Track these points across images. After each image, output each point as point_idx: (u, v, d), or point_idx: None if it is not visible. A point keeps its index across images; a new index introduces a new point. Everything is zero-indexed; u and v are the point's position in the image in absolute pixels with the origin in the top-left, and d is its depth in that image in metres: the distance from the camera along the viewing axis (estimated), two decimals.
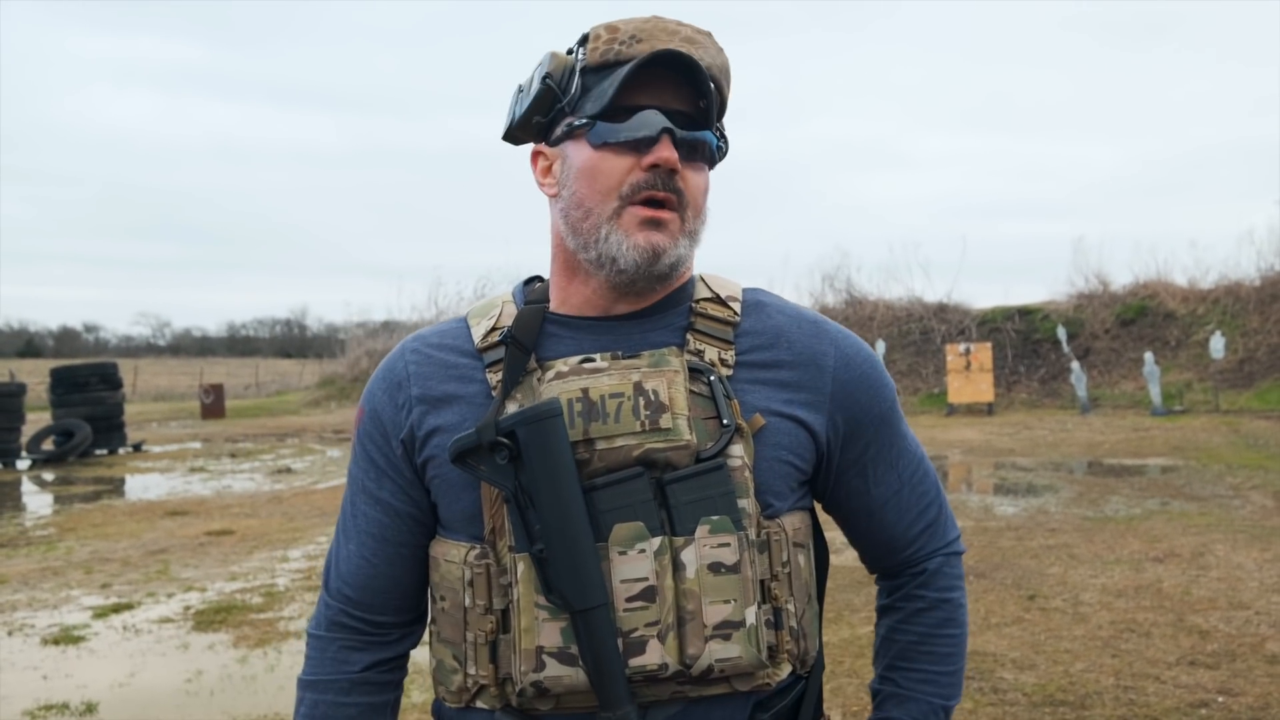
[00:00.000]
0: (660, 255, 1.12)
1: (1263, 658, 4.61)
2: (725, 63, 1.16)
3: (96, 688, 4.80)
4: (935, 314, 24.12)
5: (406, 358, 1.21)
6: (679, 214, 1.13)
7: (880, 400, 1.23)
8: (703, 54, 1.12)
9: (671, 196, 1.12)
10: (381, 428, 1.20)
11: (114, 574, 7.33)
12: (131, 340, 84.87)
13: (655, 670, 1.06)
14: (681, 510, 1.08)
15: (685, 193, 1.13)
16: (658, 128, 1.11)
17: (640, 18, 1.15)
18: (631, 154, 1.11)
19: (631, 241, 1.12)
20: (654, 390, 1.10)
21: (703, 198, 1.16)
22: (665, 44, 1.11)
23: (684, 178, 1.12)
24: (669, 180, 1.11)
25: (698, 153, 1.14)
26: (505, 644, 1.09)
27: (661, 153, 1.10)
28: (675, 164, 1.11)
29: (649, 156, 1.10)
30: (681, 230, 1.14)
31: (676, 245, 1.13)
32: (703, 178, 1.16)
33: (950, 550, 1.29)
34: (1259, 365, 19.70)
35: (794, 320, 1.21)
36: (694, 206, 1.15)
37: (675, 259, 1.13)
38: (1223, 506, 8.64)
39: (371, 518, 1.21)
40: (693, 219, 1.15)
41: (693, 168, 1.14)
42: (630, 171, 1.12)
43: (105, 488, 12.78)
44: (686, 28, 1.14)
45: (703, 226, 1.18)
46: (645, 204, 1.12)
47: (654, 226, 1.12)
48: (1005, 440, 14.97)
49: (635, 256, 1.12)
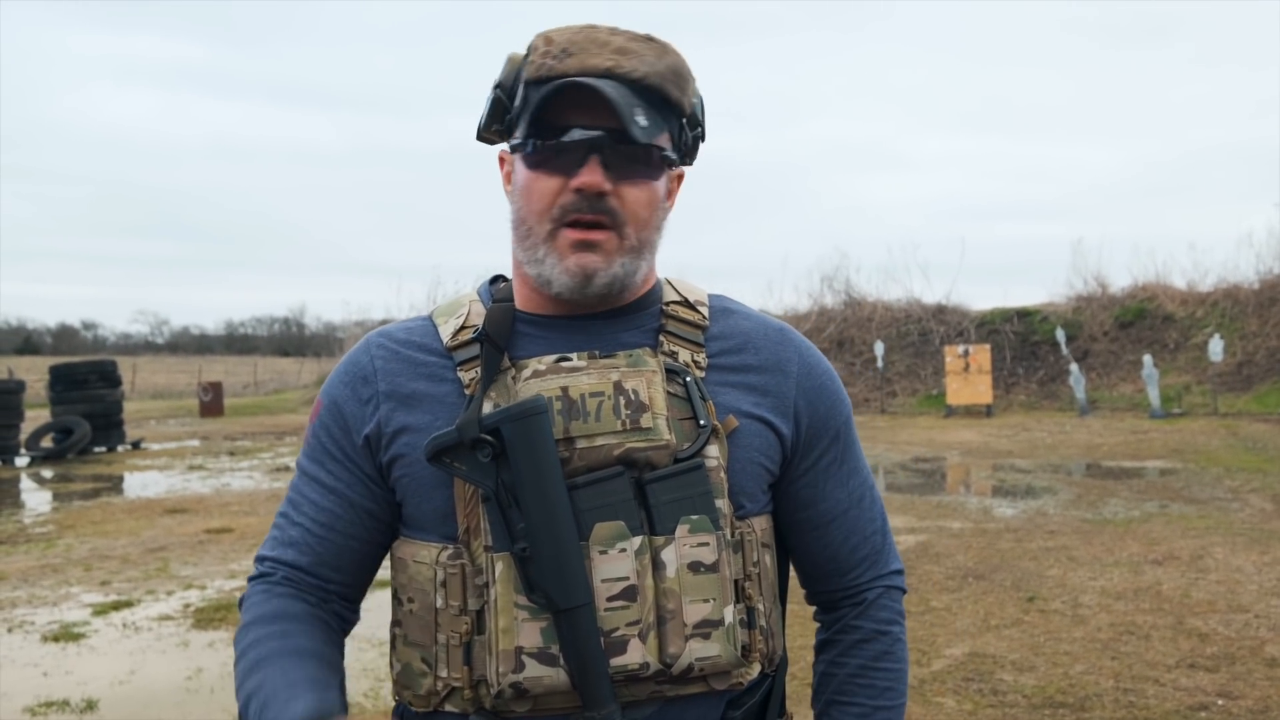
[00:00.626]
0: (592, 278, 1.11)
1: (1262, 661, 4.61)
2: (670, 65, 1.13)
3: (97, 685, 4.80)
4: (934, 315, 24.13)
5: (373, 352, 1.20)
6: (615, 231, 1.11)
7: (837, 414, 1.24)
8: (635, 64, 1.10)
9: (602, 218, 1.10)
10: (342, 420, 1.18)
11: (113, 571, 7.33)
12: (130, 338, 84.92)
13: (636, 670, 1.06)
14: (661, 510, 1.08)
15: (621, 210, 1.11)
16: (584, 149, 1.09)
17: (574, 28, 1.13)
18: (561, 176, 1.11)
19: (564, 265, 1.11)
20: (634, 390, 1.10)
21: (647, 209, 1.13)
22: (593, 58, 1.09)
23: (619, 195, 1.11)
24: (597, 203, 1.10)
25: (637, 168, 1.12)
26: (480, 645, 1.08)
27: (584, 177, 1.09)
28: (599, 187, 1.09)
29: (575, 180, 1.09)
30: (620, 248, 1.12)
31: (611, 265, 1.11)
32: (644, 191, 1.12)
33: (891, 583, 1.28)
34: (1257, 368, 19.72)
35: (760, 326, 1.23)
36: (635, 221, 1.12)
37: (611, 279, 1.12)
38: (1221, 509, 8.65)
39: (322, 507, 1.18)
40: (635, 234, 1.13)
41: (631, 184, 1.11)
42: (560, 193, 1.11)
43: (104, 485, 12.77)
44: (620, 37, 1.12)
45: (654, 235, 1.16)
46: (575, 226, 1.11)
47: (586, 248, 1.11)
48: (1004, 442, 14.98)
49: (567, 280, 1.12)
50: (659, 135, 1.12)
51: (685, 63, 1.16)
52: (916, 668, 4.65)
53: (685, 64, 1.15)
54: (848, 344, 24.12)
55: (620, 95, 1.07)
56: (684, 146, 1.18)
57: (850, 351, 23.87)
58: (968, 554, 7.06)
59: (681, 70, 1.14)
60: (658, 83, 1.11)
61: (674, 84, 1.13)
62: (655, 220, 1.15)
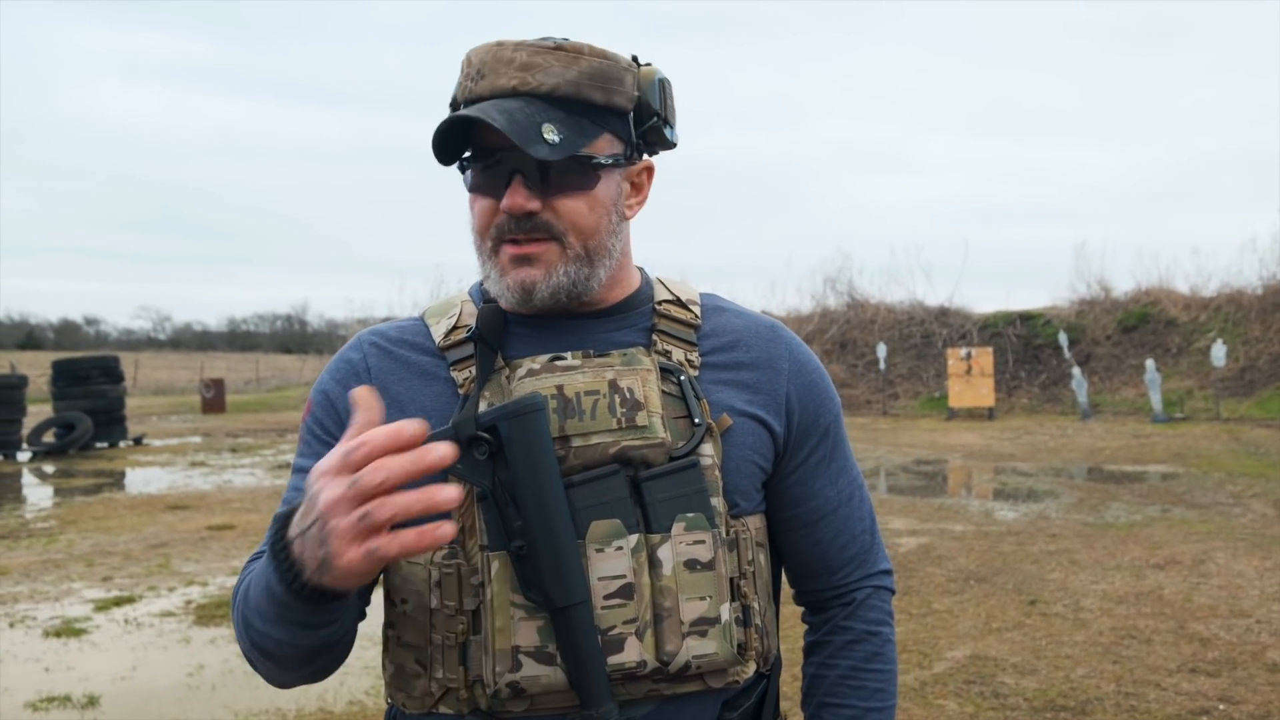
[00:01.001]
0: (531, 291, 1.12)
1: (1263, 666, 4.61)
2: (584, 70, 1.11)
3: (98, 681, 4.81)
4: (936, 318, 24.11)
5: (365, 350, 1.20)
6: (556, 241, 1.12)
7: (827, 412, 1.25)
8: (542, 79, 1.09)
9: (535, 234, 1.11)
10: (334, 413, 1.18)
11: (115, 567, 7.33)
12: (132, 334, 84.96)
13: (634, 668, 1.06)
14: (657, 508, 1.08)
15: (557, 223, 1.11)
16: (508, 171, 1.10)
17: (487, 47, 1.12)
18: (493, 197, 1.12)
19: (505, 280, 1.13)
20: (629, 388, 1.10)
21: (588, 217, 1.13)
22: (500, 78, 1.09)
23: (553, 209, 1.11)
24: (525, 222, 1.11)
25: (568, 179, 1.11)
26: (476, 645, 1.07)
27: (506, 200, 1.10)
28: (522, 209, 1.10)
29: (502, 203, 1.10)
30: (562, 257, 1.12)
31: (551, 276, 1.12)
32: (580, 201, 1.12)
33: (880, 584, 1.28)
34: (1260, 374, 19.70)
35: (751, 324, 1.24)
36: (575, 231, 1.12)
37: (554, 289, 1.12)
38: (1223, 514, 8.64)
39: None
40: (579, 242, 1.13)
41: (563, 196, 1.11)
42: (495, 214, 1.12)
43: (106, 481, 12.79)
44: (525, 50, 1.10)
45: (607, 239, 1.15)
46: (512, 243, 1.12)
47: (523, 263, 1.12)
48: (1006, 445, 14.97)
49: (509, 295, 1.13)
50: (585, 143, 1.10)
51: (610, 62, 1.13)
52: (918, 670, 4.65)
53: (609, 64, 1.13)
54: (850, 345, 24.10)
55: (524, 116, 1.07)
56: (637, 141, 1.17)
57: (852, 353, 23.86)
58: (969, 557, 7.06)
59: (601, 71, 1.12)
60: (571, 91, 1.10)
61: (595, 88, 1.11)
62: (605, 224, 1.15)
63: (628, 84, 1.14)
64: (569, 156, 1.09)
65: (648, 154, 1.21)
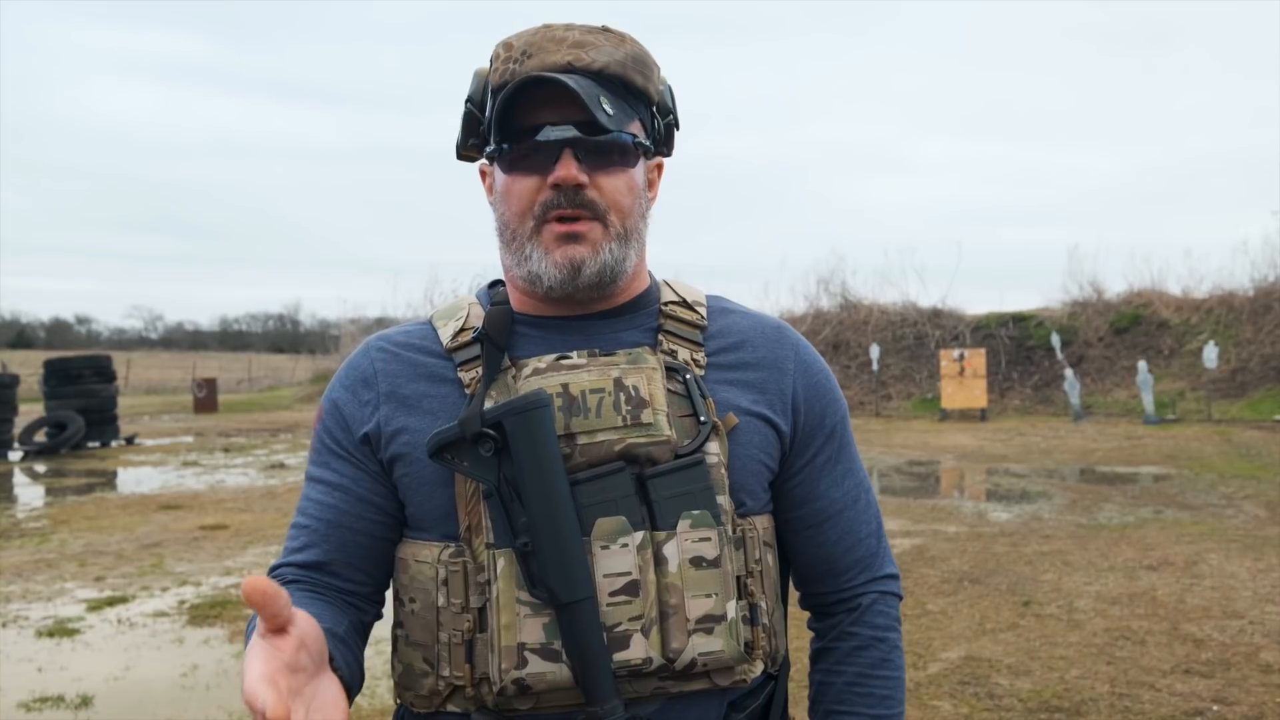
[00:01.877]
0: (580, 268, 1.13)
1: (1257, 667, 4.62)
2: (630, 53, 1.15)
3: (91, 681, 4.79)
4: (929, 319, 24.15)
5: (373, 355, 1.21)
6: (599, 220, 1.13)
7: (833, 412, 1.25)
8: (595, 56, 1.12)
9: (582, 211, 1.12)
10: (343, 421, 1.19)
11: (108, 567, 7.31)
12: (124, 333, 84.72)
13: (639, 665, 1.06)
14: (663, 505, 1.08)
15: (600, 200, 1.13)
16: (557, 145, 1.11)
17: (531, 30, 1.15)
18: (538, 174, 1.13)
19: (551, 259, 1.13)
20: (634, 386, 1.11)
21: (628, 197, 1.15)
22: (552, 55, 1.11)
23: (597, 186, 1.13)
24: (575, 196, 1.12)
25: (612, 157, 1.13)
26: (482, 643, 1.07)
27: (560, 172, 1.11)
28: (575, 180, 1.11)
29: (552, 176, 1.11)
30: (606, 236, 1.14)
31: (599, 254, 1.13)
32: (622, 179, 1.14)
33: (886, 589, 1.27)
34: (1252, 375, 19.76)
35: (757, 325, 1.24)
36: (617, 210, 1.14)
37: (600, 266, 1.14)
38: (1216, 516, 8.67)
39: (329, 505, 1.17)
40: (619, 221, 1.14)
41: (607, 173, 1.13)
42: (539, 191, 1.13)
43: (98, 480, 12.75)
44: (575, 30, 1.14)
45: (640, 222, 1.18)
46: (558, 220, 1.13)
47: (571, 240, 1.13)
48: (999, 446, 15.00)
49: (556, 273, 1.13)
50: (628, 123, 1.14)
51: (646, 51, 1.18)
52: (913, 671, 4.66)
53: (646, 52, 1.18)
54: (843, 347, 24.14)
55: (583, 86, 1.09)
56: (657, 135, 1.20)
57: (846, 354, 23.89)
58: (963, 558, 7.07)
59: (643, 58, 1.16)
60: (619, 71, 1.13)
61: (637, 71, 1.15)
62: (638, 208, 1.17)
63: (656, 77, 1.18)
64: (616, 133, 1.11)
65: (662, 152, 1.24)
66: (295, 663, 0.89)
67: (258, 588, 0.86)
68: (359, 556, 1.17)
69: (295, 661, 0.89)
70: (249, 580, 0.86)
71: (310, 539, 1.17)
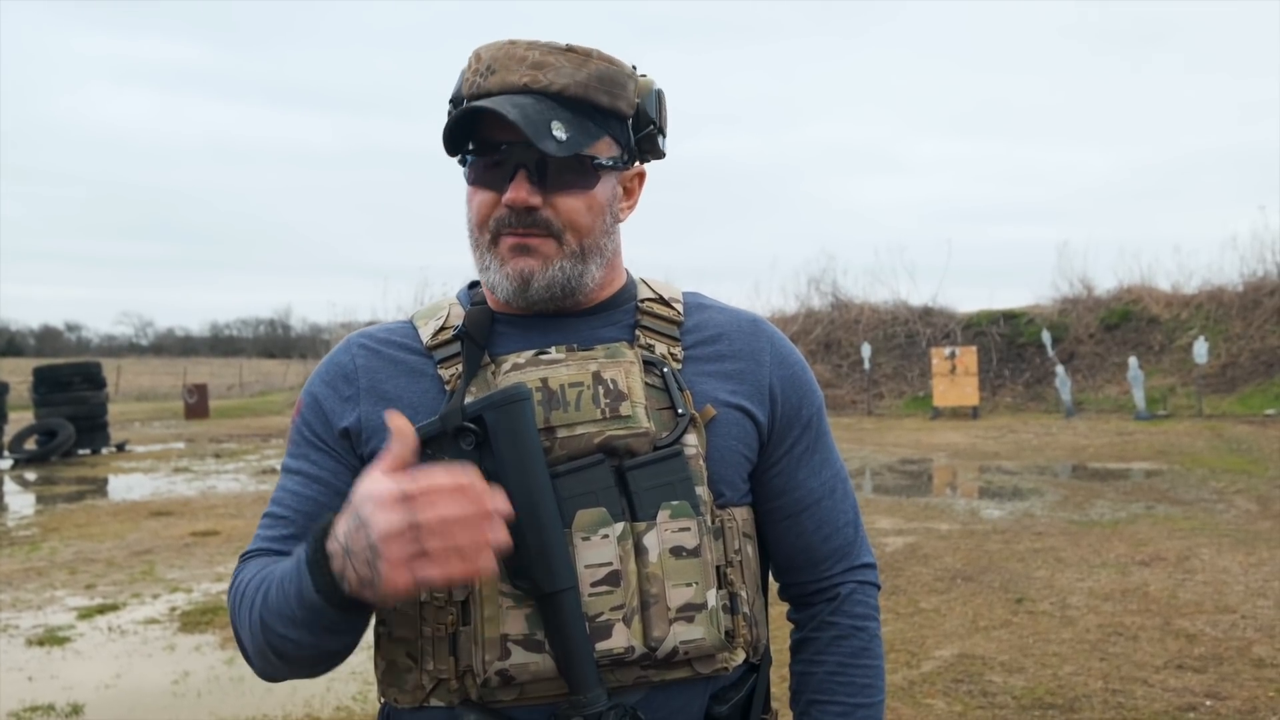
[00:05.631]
0: (529, 281, 1.14)
1: (1249, 661, 4.64)
2: (593, 73, 1.14)
3: (82, 689, 4.77)
4: (920, 317, 24.19)
5: (354, 351, 1.22)
6: (554, 238, 1.14)
7: (809, 404, 1.27)
8: (553, 78, 1.12)
9: (533, 230, 1.14)
10: (323, 415, 1.19)
11: (98, 575, 7.28)
12: (114, 340, 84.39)
13: (622, 653, 1.07)
14: (642, 496, 1.10)
15: (555, 220, 1.14)
16: (512, 165, 1.12)
17: (497, 44, 1.15)
18: (495, 190, 1.14)
19: (504, 270, 1.15)
20: (612, 379, 1.12)
21: (586, 216, 1.15)
22: (512, 74, 1.12)
23: (553, 206, 1.13)
24: (526, 216, 1.13)
25: (568, 178, 1.14)
26: (466, 635, 1.08)
27: (510, 194, 1.12)
28: (525, 203, 1.12)
29: (505, 197, 1.13)
30: (559, 253, 1.15)
31: (548, 268, 1.14)
32: (578, 200, 1.15)
33: (864, 578, 1.29)
34: (1241, 370, 19.83)
35: (733, 318, 1.26)
36: (572, 228, 1.15)
37: (549, 281, 1.15)
38: (1207, 511, 8.69)
39: (306, 497, 1.18)
40: (575, 240, 1.15)
41: (564, 194, 1.14)
42: (495, 206, 1.14)
43: (89, 488, 12.70)
44: (536, 50, 1.14)
45: (602, 239, 1.18)
46: (511, 234, 1.14)
47: (522, 253, 1.14)
48: (990, 444, 15.02)
49: (507, 284, 1.15)
50: (591, 143, 1.14)
51: (616, 67, 1.17)
52: (906, 669, 4.66)
53: (615, 69, 1.17)
54: (834, 346, 24.16)
55: (531, 114, 1.10)
56: (632, 148, 1.20)
57: (837, 353, 23.91)
58: (956, 555, 7.07)
59: (609, 75, 1.15)
60: (579, 93, 1.13)
61: (602, 91, 1.15)
62: (600, 225, 1.18)
63: (629, 91, 1.18)
64: (572, 155, 1.12)
65: (641, 161, 1.25)
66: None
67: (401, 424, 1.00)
68: None
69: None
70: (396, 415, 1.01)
71: (287, 529, 1.18)
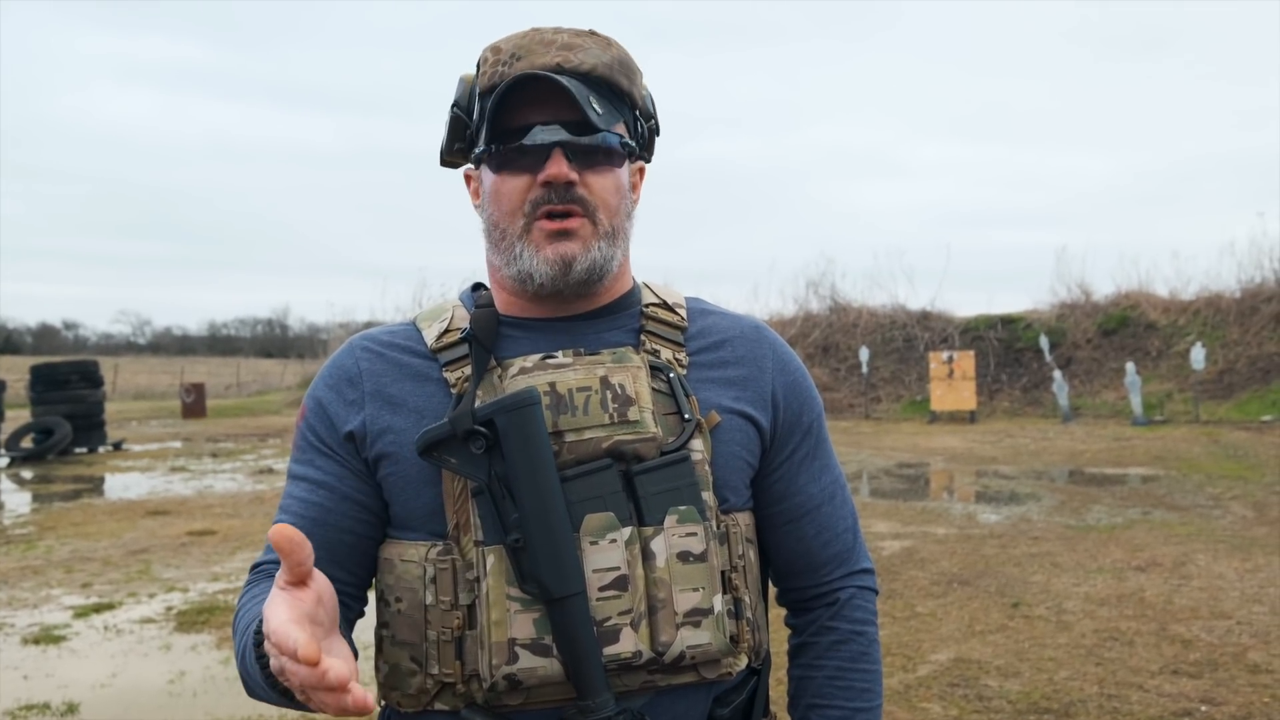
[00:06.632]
0: (571, 264, 1.15)
1: (1245, 667, 4.64)
2: (616, 56, 1.18)
3: (78, 688, 4.76)
4: (918, 321, 24.19)
5: (357, 354, 1.22)
6: (588, 218, 1.15)
7: (810, 409, 1.28)
8: (583, 58, 1.15)
9: (573, 207, 1.14)
10: (327, 419, 1.19)
11: (95, 573, 7.27)
12: (111, 338, 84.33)
13: (629, 658, 1.07)
14: (650, 501, 1.10)
15: (590, 198, 1.15)
16: (547, 144, 1.13)
17: (519, 34, 1.17)
18: (528, 173, 1.15)
19: (542, 255, 1.15)
20: (620, 384, 1.12)
21: (615, 196, 1.17)
22: (541, 57, 1.14)
23: (586, 184, 1.15)
24: (565, 193, 1.14)
25: (599, 156, 1.16)
26: (472, 640, 1.08)
27: (551, 169, 1.13)
28: (566, 178, 1.13)
29: (542, 174, 1.13)
30: (595, 234, 1.16)
31: (589, 250, 1.15)
32: (610, 178, 1.17)
33: (863, 584, 1.30)
34: (1238, 376, 19.84)
35: (736, 325, 1.27)
36: (605, 208, 1.16)
37: (590, 263, 1.16)
38: (1203, 516, 8.70)
39: (311, 503, 1.17)
40: (607, 219, 1.17)
41: (595, 172, 1.15)
42: (529, 189, 1.15)
43: (85, 486, 12.68)
44: (564, 33, 1.16)
45: (625, 222, 1.20)
46: (548, 217, 1.14)
47: (562, 237, 1.15)
48: (987, 448, 15.03)
49: (547, 269, 1.15)
50: (615, 124, 1.17)
51: (630, 55, 1.20)
52: (902, 673, 4.66)
53: (630, 57, 1.20)
54: (832, 349, 24.16)
55: (574, 86, 1.12)
56: (640, 138, 1.23)
57: (835, 357, 23.91)
58: (952, 560, 7.08)
59: (627, 62, 1.20)
60: (606, 74, 1.16)
61: (623, 74, 1.18)
62: (624, 207, 1.20)
63: (638, 82, 1.21)
64: (601, 135, 1.14)
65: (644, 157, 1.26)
66: (314, 615, 0.91)
67: (285, 534, 0.89)
68: (343, 554, 1.18)
69: (314, 614, 0.91)
70: (278, 526, 0.90)
71: None
